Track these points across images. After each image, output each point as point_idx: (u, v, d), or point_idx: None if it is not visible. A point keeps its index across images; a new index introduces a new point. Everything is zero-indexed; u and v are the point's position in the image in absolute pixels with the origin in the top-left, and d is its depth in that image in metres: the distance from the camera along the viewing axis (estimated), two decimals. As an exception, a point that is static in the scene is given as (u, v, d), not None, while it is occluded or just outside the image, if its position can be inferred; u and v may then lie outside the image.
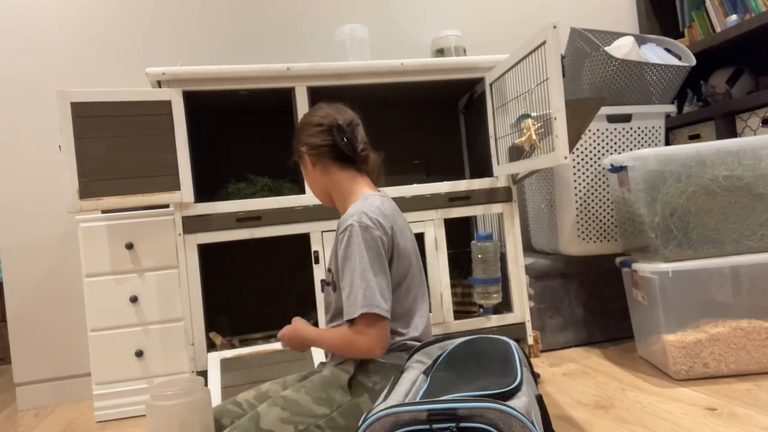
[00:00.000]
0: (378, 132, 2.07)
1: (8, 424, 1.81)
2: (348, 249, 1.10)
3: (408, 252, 1.18)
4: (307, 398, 1.09)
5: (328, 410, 1.08)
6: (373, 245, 1.09)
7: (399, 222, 1.20)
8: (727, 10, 2.15)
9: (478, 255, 1.64)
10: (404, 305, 1.16)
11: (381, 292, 1.07)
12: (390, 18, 2.33)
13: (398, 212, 1.23)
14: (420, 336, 1.17)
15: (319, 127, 1.21)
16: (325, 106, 1.25)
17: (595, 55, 1.88)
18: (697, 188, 1.55)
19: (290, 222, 1.56)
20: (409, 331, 1.16)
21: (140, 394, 1.78)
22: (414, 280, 1.18)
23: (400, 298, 1.15)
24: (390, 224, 1.15)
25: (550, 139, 1.34)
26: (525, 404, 0.90)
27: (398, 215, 1.22)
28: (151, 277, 1.79)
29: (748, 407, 1.32)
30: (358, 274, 1.08)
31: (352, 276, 1.08)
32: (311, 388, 1.11)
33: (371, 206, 1.14)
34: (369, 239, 1.09)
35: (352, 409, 1.09)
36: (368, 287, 1.07)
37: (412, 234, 1.24)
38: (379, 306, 1.06)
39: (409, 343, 1.15)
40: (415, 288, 1.18)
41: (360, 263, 1.08)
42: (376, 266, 1.09)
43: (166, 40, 2.14)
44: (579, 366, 1.80)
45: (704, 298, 1.54)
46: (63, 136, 1.40)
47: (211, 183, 1.85)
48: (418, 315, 1.18)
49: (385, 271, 1.10)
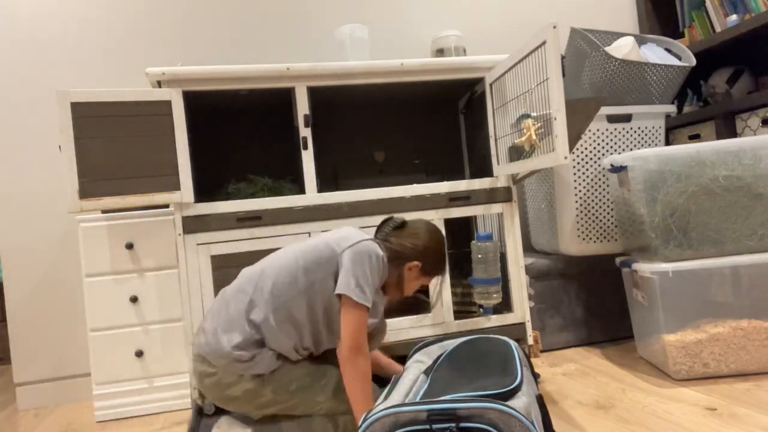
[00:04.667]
0: (378, 132, 2.08)
1: (8, 424, 1.81)
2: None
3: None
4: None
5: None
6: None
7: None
8: (727, 10, 2.15)
9: (478, 255, 1.64)
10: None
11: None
12: (390, 18, 2.33)
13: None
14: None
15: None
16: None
17: (595, 55, 1.88)
18: (697, 188, 1.55)
19: (290, 222, 1.56)
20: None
21: (140, 394, 1.78)
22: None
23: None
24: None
25: (550, 139, 1.34)
26: (525, 404, 0.90)
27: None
28: (151, 277, 1.79)
29: (748, 407, 1.32)
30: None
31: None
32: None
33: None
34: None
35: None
36: None
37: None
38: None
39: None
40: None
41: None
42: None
43: (166, 40, 2.14)
44: (579, 366, 1.80)
45: (704, 298, 1.54)
46: (63, 136, 1.40)
47: (211, 183, 1.85)
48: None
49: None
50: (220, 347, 1.20)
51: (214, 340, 1.21)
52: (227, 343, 1.20)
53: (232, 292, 1.27)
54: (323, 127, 2.00)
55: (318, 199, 1.57)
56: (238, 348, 1.19)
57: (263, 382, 1.21)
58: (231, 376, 1.20)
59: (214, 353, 1.21)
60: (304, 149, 1.58)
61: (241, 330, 1.21)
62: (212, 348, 1.21)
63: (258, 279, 1.26)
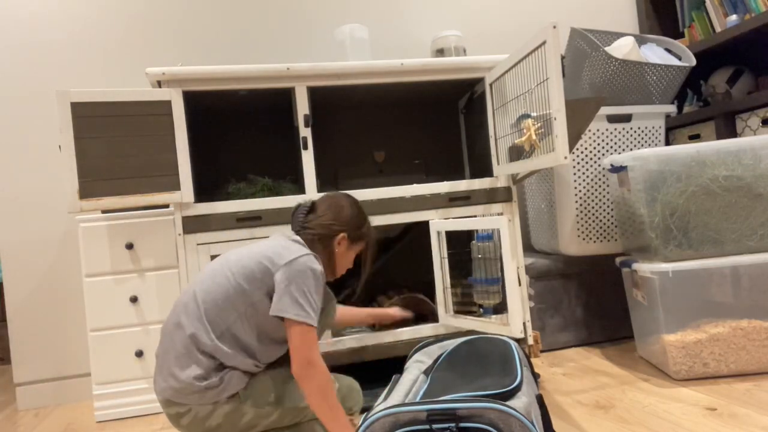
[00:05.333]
0: (378, 132, 2.08)
1: (8, 424, 1.81)
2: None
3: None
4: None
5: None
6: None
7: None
8: (727, 10, 2.15)
9: (478, 255, 1.64)
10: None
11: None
12: (390, 18, 2.33)
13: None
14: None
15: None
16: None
17: (595, 55, 1.88)
18: (697, 188, 1.55)
19: (290, 222, 1.55)
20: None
21: (140, 394, 1.78)
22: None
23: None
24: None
25: (550, 139, 1.34)
26: (525, 404, 0.90)
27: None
28: (151, 277, 1.79)
29: (748, 407, 1.32)
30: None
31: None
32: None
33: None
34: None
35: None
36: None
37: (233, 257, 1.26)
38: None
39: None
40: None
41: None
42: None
43: (166, 40, 2.14)
44: (579, 366, 1.80)
45: (704, 298, 1.54)
46: (63, 136, 1.40)
47: (211, 183, 1.85)
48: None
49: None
50: (183, 385, 1.14)
51: (174, 380, 1.15)
52: (188, 378, 1.14)
53: (171, 326, 1.19)
54: (323, 127, 2.00)
55: (318, 199, 1.57)
56: (202, 378, 1.14)
57: (240, 400, 1.17)
58: (206, 407, 1.15)
59: (180, 392, 1.15)
60: (304, 149, 1.58)
61: (197, 362, 1.15)
62: (176, 389, 1.15)
63: (193, 309, 1.18)
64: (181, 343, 1.16)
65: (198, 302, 1.18)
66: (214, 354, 1.15)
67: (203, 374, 1.14)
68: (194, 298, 1.19)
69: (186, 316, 1.18)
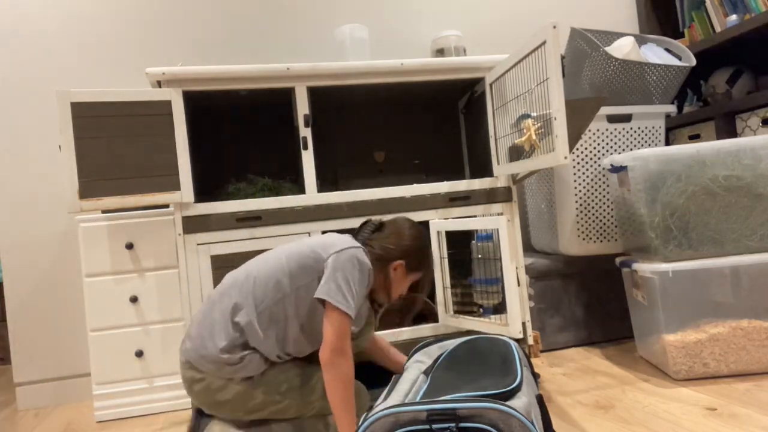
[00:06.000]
0: (378, 132, 2.08)
1: (8, 424, 1.81)
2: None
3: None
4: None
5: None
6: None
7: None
8: (727, 10, 2.15)
9: (478, 255, 1.64)
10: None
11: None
12: (390, 18, 2.33)
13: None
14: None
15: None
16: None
17: (595, 55, 1.88)
18: (697, 188, 1.55)
19: (290, 222, 1.56)
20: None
21: (140, 394, 1.78)
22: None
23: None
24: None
25: (550, 139, 1.34)
26: (525, 404, 0.90)
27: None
28: (151, 277, 1.79)
29: (748, 407, 1.32)
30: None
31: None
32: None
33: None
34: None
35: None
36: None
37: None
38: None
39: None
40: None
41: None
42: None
43: (166, 40, 2.14)
44: (579, 366, 1.80)
45: (704, 298, 1.54)
46: (63, 136, 1.40)
47: (211, 183, 1.84)
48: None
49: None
50: (206, 352, 1.19)
51: (201, 344, 1.20)
52: (213, 347, 1.19)
53: (217, 296, 1.26)
54: (323, 127, 2.00)
55: (318, 199, 1.57)
56: (225, 351, 1.18)
57: (253, 385, 1.20)
58: (220, 380, 1.19)
59: (201, 358, 1.20)
60: (304, 149, 1.58)
61: (226, 333, 1.20)
62: (199, 353, 1.20)
63: (243, 282, 1.24)
64: (220, 311, 1.22)
65: (249, 278, 1.24)
66: (245, 329, 1.20)
67: (227, 347, 1.19)
68: (246, 274, 1.26)
69: (234, 287, 1.24)
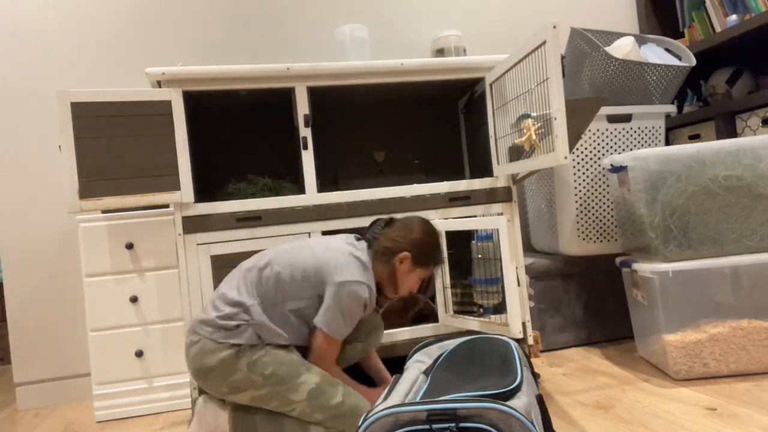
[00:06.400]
0: (378, 132, 2.08)
1: (8, 424, 1.81)
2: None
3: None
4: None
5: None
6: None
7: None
8: (727, 10, 2.15)
9: (478, 255, 1.64)
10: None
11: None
12: (390, 18, 2.33)
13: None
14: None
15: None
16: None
17: (595, 55, 1.88)
18: (697, 188, 1.55)
19: (290, 222, 1.56)
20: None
21: (140, 394, 1.78)
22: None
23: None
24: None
25: (550, 139, 1.34)
26: (525, 404, 0.90)
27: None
28: (151, 277, 1.79)
29: (748, 407, 1.32)
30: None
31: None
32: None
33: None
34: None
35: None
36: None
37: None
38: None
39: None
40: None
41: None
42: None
43: (166, 40, 2.14)
44: (579, 366, 1.80)
45: (704, 298, 1.54)
46: (63, 136, 1.40)
47: (211, 183, 1.84)
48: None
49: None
50: (210, 318, 1.25)
51: (206, 311, 1.28)
52: (214, 312, 1.25)
53: (244, 270, 1.33)
54: (323, 127, 2.00)
55: (318, 199, 1.58)
56: (225, 318, 1.24)
57: (239, 354, 1.22)
58: (212, 343, 1.23)
59: (201, 322, 1.26)
60: (304, 149, 1.58)
61: (237, 290, 1.27)
62: (201, 318, 1.27)
63: (267, 253, 1.33)
64: (239, 276, 1.30)
65: (276, 252, 1.33)
66: (256, 291, 1.27)
67: (228, 314, 1.24)
68: (273, 251, 1.34)
69: (260, 257, 1.33)
